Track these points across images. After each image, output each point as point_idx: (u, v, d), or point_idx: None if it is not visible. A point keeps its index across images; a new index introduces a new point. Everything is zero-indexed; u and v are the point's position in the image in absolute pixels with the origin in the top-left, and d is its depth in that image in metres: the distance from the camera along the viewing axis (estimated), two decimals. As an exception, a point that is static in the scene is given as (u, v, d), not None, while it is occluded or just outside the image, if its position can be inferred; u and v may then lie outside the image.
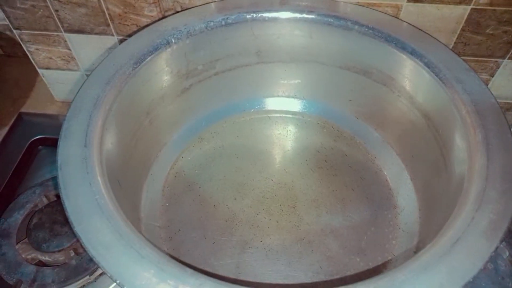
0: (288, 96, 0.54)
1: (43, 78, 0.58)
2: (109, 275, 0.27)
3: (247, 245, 0.43)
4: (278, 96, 0.54)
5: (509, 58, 0.48)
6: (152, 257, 0.28)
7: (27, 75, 0.64)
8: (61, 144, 0.33)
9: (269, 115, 0.54)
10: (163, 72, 0.44)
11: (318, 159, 0.50)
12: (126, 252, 0.28)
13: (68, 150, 0.33)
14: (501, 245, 0.42)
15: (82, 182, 0.31)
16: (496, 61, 0.49)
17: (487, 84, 0.51)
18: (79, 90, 0.38)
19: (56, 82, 0.59)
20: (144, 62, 0.41)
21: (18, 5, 0.49)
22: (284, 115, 0.54)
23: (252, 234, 0.44)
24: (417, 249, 0.42)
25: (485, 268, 0.41)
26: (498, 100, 0.37)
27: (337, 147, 0.51)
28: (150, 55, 0.42)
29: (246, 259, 0.42)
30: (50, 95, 0.61)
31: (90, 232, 0.29)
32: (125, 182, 0.40)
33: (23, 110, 0.60)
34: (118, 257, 0.28)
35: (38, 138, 0.56)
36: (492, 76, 0.51)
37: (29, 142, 0.56)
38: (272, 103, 0.55)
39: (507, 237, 0.42)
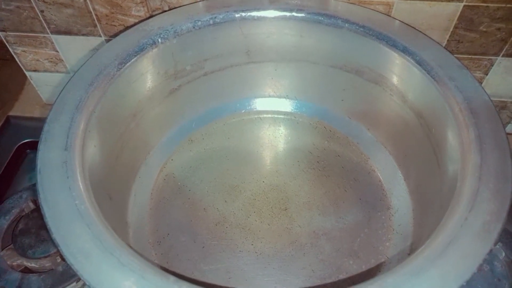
0: (279, 96, 0.53)
1: (30, 80, 0.57)
2: (87, 283, 0.26)
3: (238, 248, 0.42)
4: (269, 96, 0.54)
5: (503, 56, 0.48)
6: (133, 265, 0.27)
7: (16, 78, 0.63)
8: (41, 147, 0.32)
9: (260, 116, 0.54)
10: (149, 72, 0.43)
11: (310, 160, 0.49)
12: (106, 259, 0.27)
13: (48, 154, 0.32)
14: (497, 246, 0.41)
15: (62, 187, 0.30)
16: (490, 58, 0.48)
17: (481, 82, 0.50)
18: (61, 91, 0.37)
19: (44, 84, 0.58)
20: (130, 62, 0.40)
21: (2, 6, 0.48)
22: (275, 115, 0.53)
23: (242, 237, 0.43)
24: (411, 251, 0.41)
25: (481, 270, 0.40)
26: (492, 99, 0.37)
27: (329, 147, 0.50)
28: (135, 56, 0.41)
29: (236, 263, 0.41)
30: (38, 98, 0.60)
31: (69, 238, 0.28)
32: (111, 186, 0.39)
33: (11, 113, 0.59)
34: (97, 264, 0.27)
35: (26, 142, 0.55)
36: (486, 74, 0.50)
37: (17, 146, 0.55)
38: (263, 104, 0.54)
39: (502, 237, 0.42)
